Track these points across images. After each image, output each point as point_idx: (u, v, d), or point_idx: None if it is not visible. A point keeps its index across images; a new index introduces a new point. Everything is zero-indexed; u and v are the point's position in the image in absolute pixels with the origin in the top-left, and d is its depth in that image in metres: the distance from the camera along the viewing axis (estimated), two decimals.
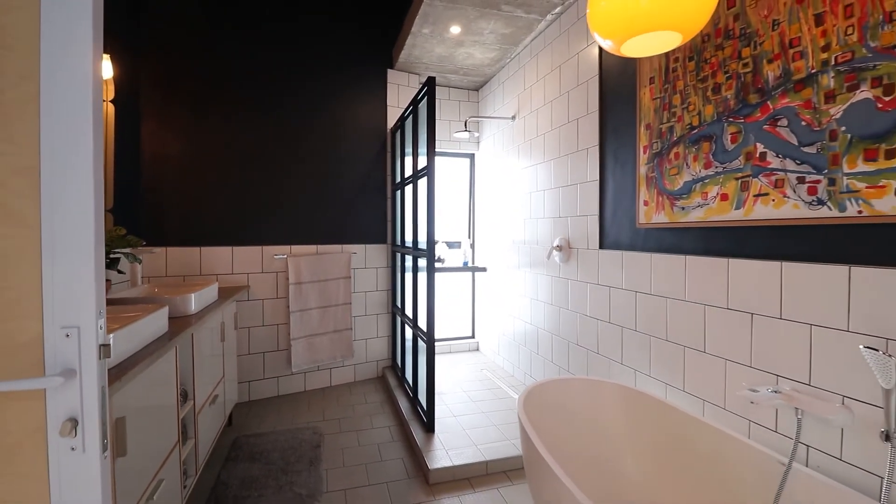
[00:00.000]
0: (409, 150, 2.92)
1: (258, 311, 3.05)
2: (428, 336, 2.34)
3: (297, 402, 3.00)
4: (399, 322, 3.29)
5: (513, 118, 3.23)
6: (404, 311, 3.06)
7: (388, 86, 3.46)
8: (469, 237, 4.16)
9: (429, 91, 2.31)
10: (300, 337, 3.11)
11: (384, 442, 2.43)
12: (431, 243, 2.31)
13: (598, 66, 2.22)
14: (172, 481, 1.55)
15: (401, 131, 3.15)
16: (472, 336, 4.16)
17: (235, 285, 2.93)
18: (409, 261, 2.95)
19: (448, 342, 4.00)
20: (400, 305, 3.22)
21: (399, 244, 3.25)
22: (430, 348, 2.34)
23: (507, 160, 3.35)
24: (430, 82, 2.31)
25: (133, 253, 2.02)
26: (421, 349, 2.57)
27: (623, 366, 2.06)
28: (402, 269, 3.19)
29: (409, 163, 2.92)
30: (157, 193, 2.78)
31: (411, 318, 2.79)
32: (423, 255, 2.49)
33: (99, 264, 0.76)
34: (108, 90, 2.22)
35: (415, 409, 2.66)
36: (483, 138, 3.88)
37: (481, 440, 2.31)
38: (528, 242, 3.00)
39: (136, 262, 2.05)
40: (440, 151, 3.89)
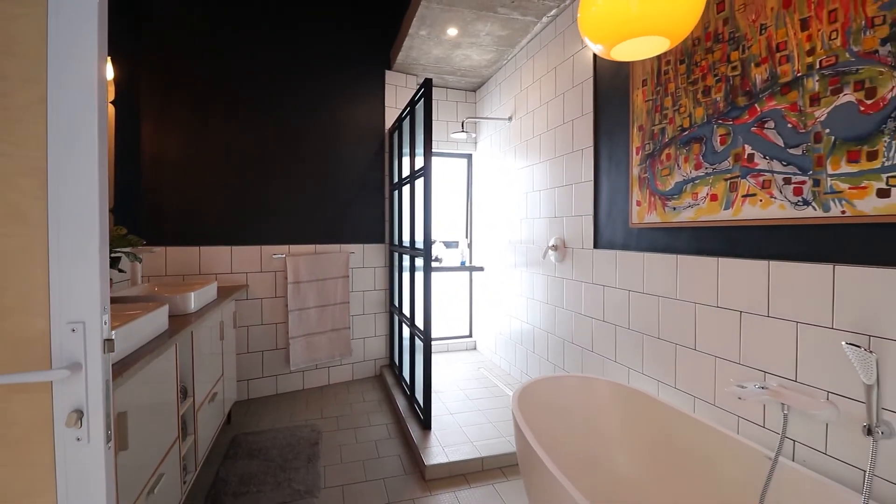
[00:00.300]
0: (406, 151, 2.95)
1: (257, 310, 3.08)
2: (425, 335, 2.37)
3: (296, 401, 3.03)
4: (397, 321, 3.32)
5: (509, 119, 3.26)
6: (402, 310, 3.09)
7: (387, 87, 3.49)
8: (467, 237, 4.19)
9: (426, 92, 2.33)
10: (299, 336, 3.13)
11: (381, 439, 2.46)
12: (428, 243, 2.34)
13: (592, 69, 2.25)
14: (172, 476, 1.57)
15: (398, 132, 3.18)
16: (470, 335, 4.18)
17: (234, 284, 2.96)
18: (406, 260, 2.97)
19: (445, 341, 4.03)
20: (397, 305, 3.24)
21: (397, 244, 3.28)
22: (427, 347, 2.37)
23: (503, 161, 3.38)
24: (427, 84, 2.34)
25: (133, 252, 2.04)
26: (418, 348, 2.59)
27: (617, 364, 2.09)
28: (399, 268, 3.21)
29: (406, 163, 2.94)
30: (157, 193, 2.81)
31: (409, 318, 2.82)
32: (420, 254, 2.51)
33: (103, 262, 0.79)
34: (109, 91, 2.25)
35: (412, 407, 2.69)
36: (480, 139, 3.91)
37: (477, 437, 2.34)
38: (524, 242, 3.03)
39: (136, 262, 2.08)
40: (438, 152, 3.91)
